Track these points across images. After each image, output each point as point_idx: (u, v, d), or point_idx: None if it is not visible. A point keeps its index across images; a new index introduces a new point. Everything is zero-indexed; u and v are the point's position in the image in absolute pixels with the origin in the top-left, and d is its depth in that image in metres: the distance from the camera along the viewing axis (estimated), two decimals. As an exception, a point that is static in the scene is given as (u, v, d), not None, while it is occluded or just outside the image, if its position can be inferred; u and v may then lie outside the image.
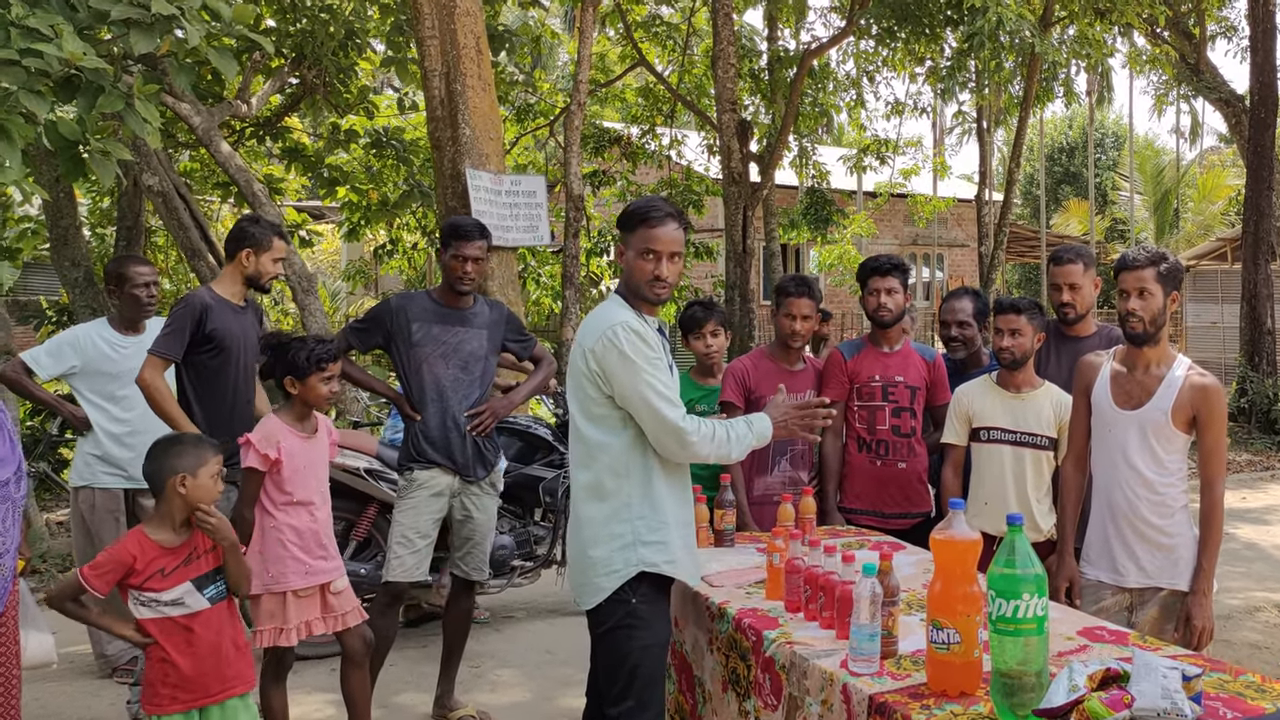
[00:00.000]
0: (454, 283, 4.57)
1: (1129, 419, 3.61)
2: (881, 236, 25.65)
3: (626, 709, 3.15)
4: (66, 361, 5.11)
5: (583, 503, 3.23)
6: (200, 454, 3.31)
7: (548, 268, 14.67)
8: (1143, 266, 3.54)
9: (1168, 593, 3.61)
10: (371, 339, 4.67)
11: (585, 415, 3.21)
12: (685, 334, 4.87)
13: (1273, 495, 10.92)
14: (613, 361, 3.08)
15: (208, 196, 11.85)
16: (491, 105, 8.38)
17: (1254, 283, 14.69)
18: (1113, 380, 3.69)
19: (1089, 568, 3.77)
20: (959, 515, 2.61)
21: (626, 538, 3.15)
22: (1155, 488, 3.59)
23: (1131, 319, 3.55)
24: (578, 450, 3.27)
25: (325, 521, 4.05)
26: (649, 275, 3.18)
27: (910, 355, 4.70)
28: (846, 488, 4.65)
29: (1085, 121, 33.26)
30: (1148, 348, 3.59)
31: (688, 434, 3.10)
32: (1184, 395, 3.53)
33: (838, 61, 15.83)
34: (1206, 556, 3.55)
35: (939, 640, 2.58)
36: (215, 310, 4.53)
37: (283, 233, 4.71)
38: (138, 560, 3.23)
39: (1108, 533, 3.70)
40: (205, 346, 4.51)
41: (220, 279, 4.73)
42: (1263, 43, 14.76)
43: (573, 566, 3.30)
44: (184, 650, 3.27)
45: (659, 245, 3.17)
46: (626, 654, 3.17)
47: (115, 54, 6.87)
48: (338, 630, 4.03)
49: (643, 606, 3.18)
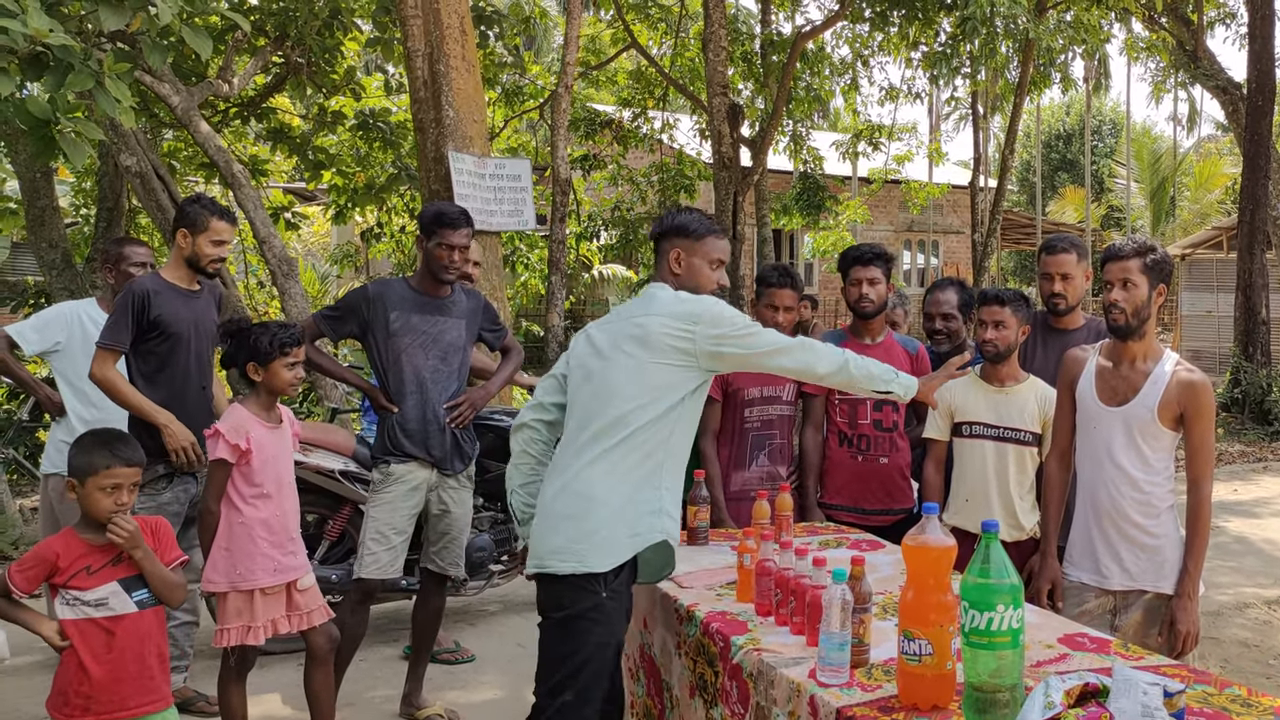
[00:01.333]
0: (439, 271, 4.41)
1: (1114, 416, 3.50)
2: (877, 223, 25.53)
3: (564, 702, 3.04)
4: (52, 337, 4.98)
5: (610, 454, 3.10)
6: (91, 461, 3.14)
7: (537, 251, 14.53)
8: (1128, 257, 3.43)
9: (1152, 596, 3.51)
10: (345, 327, 4.51)
11: (642, 371, 3.15)
12: None
13: (1265, 487, 10.83)
14: (722, 333, 3.16)
15: (191, 177, 11.68)
16: (476, 87, 8.23)
17: (1249, 272, 14.58)
18: (1098, 375, 3.58)
19: (1072, 569, 3.67)
20: (933, 520, 2.50)
21: (654, 504, 3.13)
22: (1140, 486, 3.48)
23: (1114, 310, 3.44)
24: (605, 406, 3.15)
25: (292, 515, 3.94)
26: (714, 283, 3.41)
27: (893, 347, 4.58)
28: (827, 483, 4.54)
29: (1082, 108, 33.10)
30: (1133, 341, 3.49)
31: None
32: (1171, 392, 3.41)
33: (833, 46, 15.68)
34: (1192, 559, 3.45)
35: (910, 651, 2.46)
36: (160, 296, 4.39)
37: (226, 214, 4.50)
38: (61, 558, 3.10)
39: (1091, 533, 3.59)
40: (151, 334, 4.37)
41: (167, 263, 4.57)
42: (1261, 30, 14.61)
43: (576, 521, 3.08)
44: (101, 656, 3.12)
45: (724, 255, 3.45)
46: (580, 647, 3.06)
47: (88, 31, 6.73)
48: (303, 629, 3.92)
49: (610, 602, 3.07)
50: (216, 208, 4.49)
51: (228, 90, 9.25)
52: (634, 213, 15.80)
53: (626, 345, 3.19)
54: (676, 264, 3.38)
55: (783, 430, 4.52)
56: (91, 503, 3.13)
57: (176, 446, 4.35)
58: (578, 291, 17.95)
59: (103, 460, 3.13)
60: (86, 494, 3.12)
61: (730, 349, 3.17)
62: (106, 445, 3.18)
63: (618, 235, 15.76)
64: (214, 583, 3.76)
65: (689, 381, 3.18)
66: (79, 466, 3.14)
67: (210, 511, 3.75)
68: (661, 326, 3.16)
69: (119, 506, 3.14)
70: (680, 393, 3.17)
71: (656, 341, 3.15)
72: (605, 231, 16.00)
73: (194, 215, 4.45)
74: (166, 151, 11.26)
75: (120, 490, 3.14)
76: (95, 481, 3.11)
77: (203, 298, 4.59)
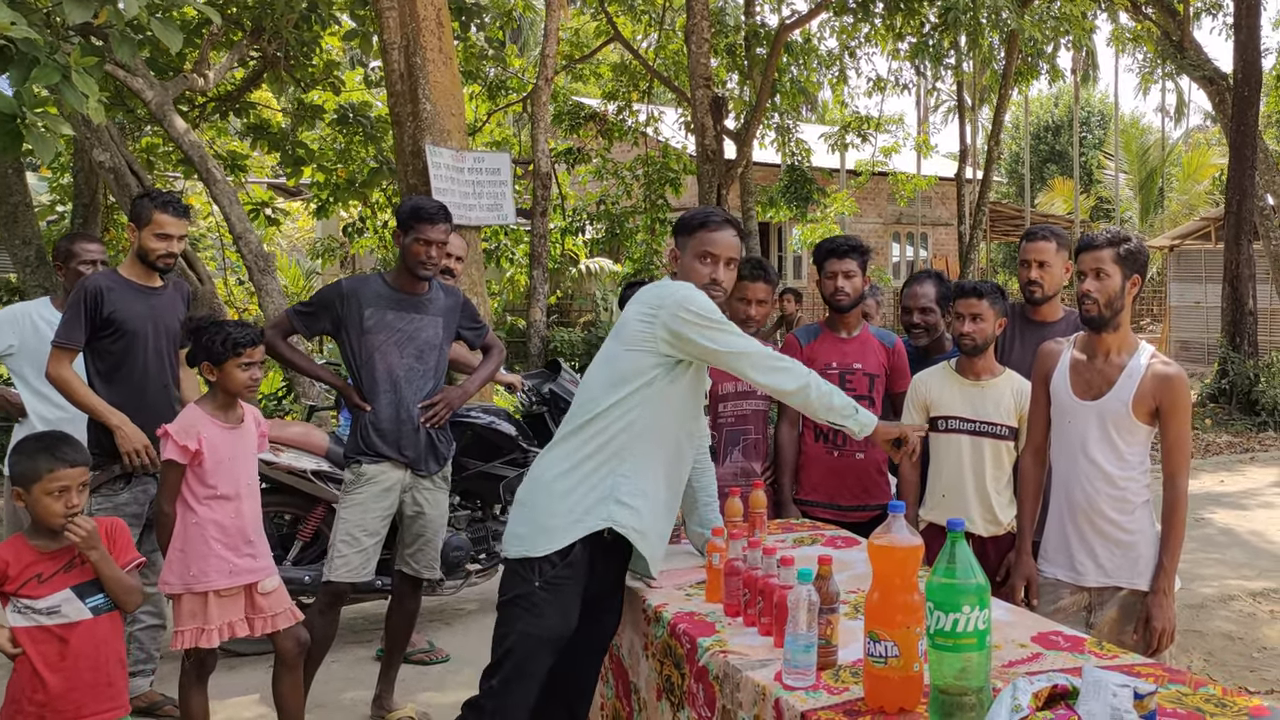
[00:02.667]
0: (416, 268, 4.31)
1: (1089, 410, 3.44)
2: (865, 215, 25.45)
3: (490, 687, 3.06)
4: (4, 340, 4.89)
5: (568, 439, 3.13)
6: (35, 466, 3.05)
7: (522, 246, 14.44)
8: (1100, 247, 3.38)
9: (1127, 592, 3.46)
10: (318, 324, 4.42)
11: (612, 360, 3.17)
12: None
13: (1251, 478, 10.81)
14: (684, 317, 3.08)
15: (171, 173, 11.57)
16: (453, 80, 8.14)
17: (1236, 263, 14.55)
18: (1072, 369, 3.52)
19: (1046, 565, 3.61)
20: (899, 519, 2.43)
21: (603, 490, 3.06)
22: (1115, 482, 3.42)
23: (1087, 300, 3.39)
24: (579, 397, 3.23)
25: (252, 517, 3.84)
26: (705, 278, 3.26)
27: (869, 341, 4.51)
28: (802, 479, 4.47)
29: (1071, 100, 33.06)
30: (1107, 334, 3.43)
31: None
32: (1146, 385, 3.35)
33: (819, 38, 15.59)
34: (1168, 555, 3.39)
35: (876, 654, 2.40)
36: (114, 293, 4.31)
37: (172, 207, 4.38)
38: (10, 566, 3.03)
39: (1066, 529, 3.54)
40: (106, 331, 4.30)
41: (125, 259, 4.50)
42: (1247, 20, 14.56)
43: (528, 507, 3.12)
44: (55, 665, 3.04)
45: (717, 249, 3.29)
46: (507, 633, 3.07)
47: (55, 24, 6.62)
48: (267, 632, 3.84)
49: (542, 593, 3.03)
50: (162, 200, 4.39)
51: (203, 85, 9.14)
52: (619, 206, 15.72)
53: (609, 339, 3.24)
54: (674, 261, 3.39)
55: (757, 425, 4.45)
56: (41, 508, 3.05)
57: (129, 449, 4.27)
58: (564, 286, 17.86)
59: (45, 464, 3.06)
60: (35, 500, 3.04)
61: (691, 335, 3.08)
62: (47, 449, 3.10)
63: (603, 229, 15.68)
64: (169, 584, 3.70)
65: (652, 364, 3.11)
66: (22, 473, 3.06)
67: (164, 513, 3.69)
68: (633, 312, 3.16)
69: (70, 509, 3.06)
70: (644, 376, 3.11)
71: (627, 329, 3.15)
72: (591, 225, 15.90)
73: (138, 209, 4.38)
74: (145, 147, 11.14)
75: (69, 492, 3.06)
76: (41, 487, 3.04)
77: (165, 294, 4.50)
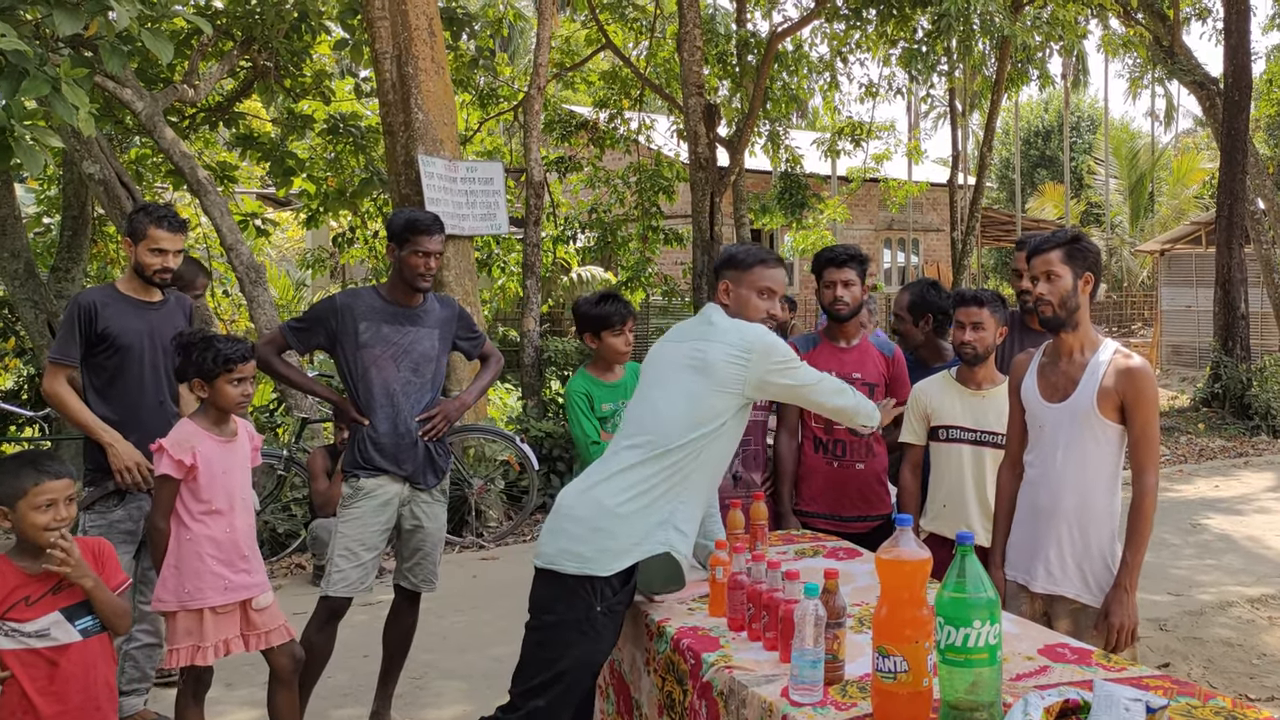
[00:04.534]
0: (414, 280, 4.26)
1: (1057, 413, 3.39)
2: (856, 221, 25.51)
3: (535, 708, 3.05)
4: None
5: (638, 469, 3.16)
6: (19, 483, 3.00)
7: (514, 255, 14.40)
8: (1046, 250, 3.38)
9: (1078, 606, 3.39)
10: (312, 339, 4.36)
11: (697, 398, 3.24)
12: (603, 328, 4.42)
13: (1246, 483, 10.78)
14: (772, 365, 3.26)
15: (160, 184, 11.50)
16: (446, 89, 8.11)
17: (1228, 267, 14.55)
18: (1039, 374, 3.48)
19: (1008, 569, 3.56)
20: (906, 533, 2.40)
21: (663, 515, 3.14)
22: (1080, 488, 3.36)
23: (1040, 304, 3.38)
24: (653, 423, 3.25)
25: (247, 532, 3.80)
26: (763, 313, 3.44)
27: (868, 350, 4.48)
28: (802, 490, 4.43)
29: (1061, 105, 33.15)
30: (1067, 334, 3.40)
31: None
32: (1109, 380, 3.30)
33: (810, 44, 15.57)
34: (1132, 550, 3.29)
35: (885, 669, 2.37)
36: (108, 308, 4.28)
37: (168, 221, 4.31)
38: None
39: (1027, 533, 3.49)
40: (100, 347, 4.27)
41: (123, 274, 4.47)
42: (1237, 25, 14.59)
43: (591, 528, 3.11)
44: (45, 689, 2.99)
45: (775, 285, 3.50)
46: (561, 657, 3.06)
47: (45, 36, 6.58)
48: (261, 649, 3.79)
49: (603, 618, 3.07)
50: (157, 215, 4.32)
51: (193, 95, 9.10)
52: (611, 215, 15.69)
53: (687, 373, 3.30)
54: (725, 295, 3.50)
55: (756, 436, 4.42)
56: (27, 524, 3.00)
57: (120, 467, 4.23)
58: (556, 295, 17.80)
59: (30, 478, 3.01)
60: (21, 517, 2.99)
61: (778, 379, 3.29)
62: (31, 464, 3.06)
63: (595, 237, 15.64)
64: (163, 601, 3.65)
65: (733, 406, 3.26)
66: (7, 493, 3.00)
67: (158, 529, 3.64)
68: (722, 354, 3.25)
69: (58, 523, 3.02)
70: (724, 417, 3.24)
71: (717, 370, 3.24)
72: (583, 234, 15.86)
73: (134, 223, 4.33)
74: (134, 158, 11.08)
75: (56, 505, 3.02)
76: (28, 502, 2.99)
77: (164, 309, 4.46)
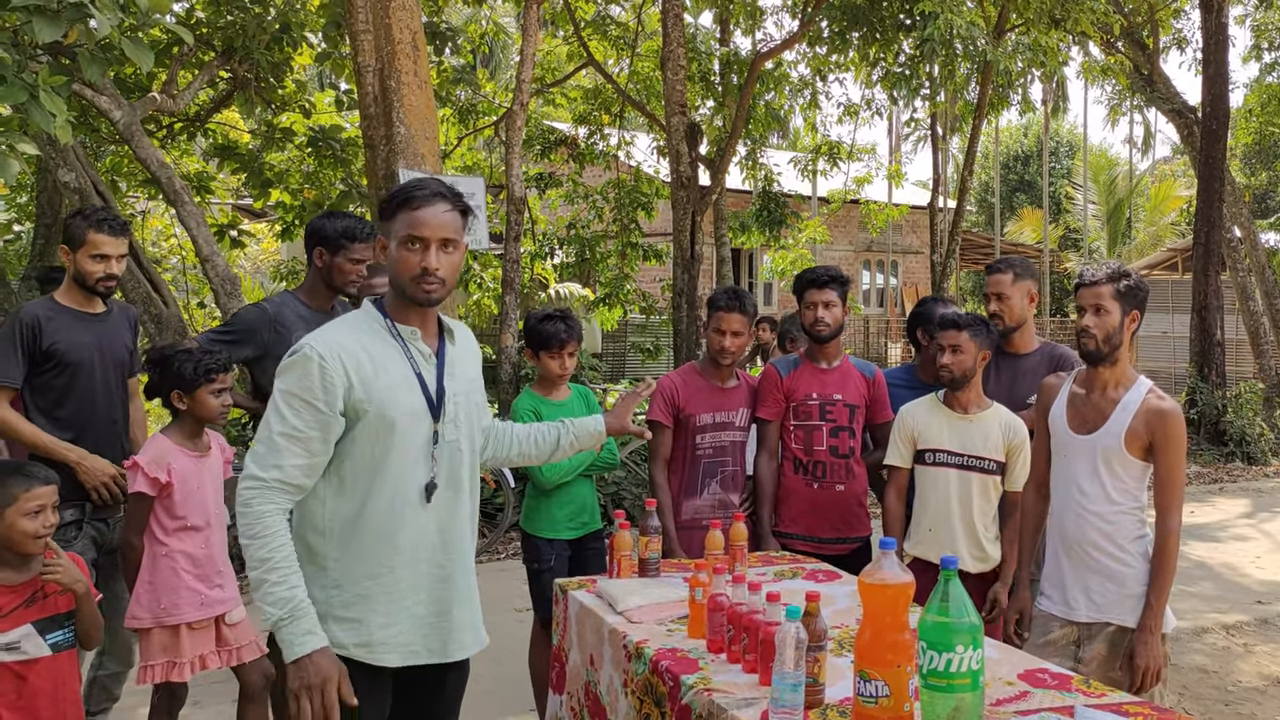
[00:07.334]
0: (344, 287, 4.04)
1: (1083, 444, 3.42)
2: (836, 242, 25.53)
3: None
4: None
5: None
6: (7, 489, 2.96)
7: (490, 270, 14.34)
8: (1100, 283, 3.38)
9: (1115, 629, 3.41)
10: (241, 351, 3.99)
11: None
12: (541, 348, 4.32)
13: (1221, 510, 10.82)
14: None
15: (134, 194, 11.39)
16: (428, 104, 8.06)
17: (1204, 294, 14.65)
18: (1069, 403, 3.50)
19: (1042, 599, 3.59)
20: (889, 556, 2.37)
21: (320, 607, 2.61)
22: (1106, 517, 3.40)
23: (1084, 336, 3.39)
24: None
25: (220, 547, 3.75)
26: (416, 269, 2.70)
27: (849, 372, 4.46)
28: (782, 511, 4.40)
29: (1040, 130, 33.38)
30: (1104, 368, 3.41)
31: None
32: (1139, 420, 3.33)
33: (791, 65, 15.62)
34: (1156, 592, 3.34)
35: (866, 693, 2.33)
36: (51, 322, 3.91)
37: (109, 225, 3.95)
38: None
39: (1060, 563, 3.51)
40: (46, 365, 3.90)
41: (62, 286, 4.06)
42: (1215, 55, 14.73)
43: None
44: (12, 703, 2.94)
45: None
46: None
47: (23, 43, 6.51)
48: (233, 665, 3.73)
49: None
50: (96, 218, 3.96)
51: (172, 105, 9.03)
52: (590, 231, 15.66)
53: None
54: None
55: (735, 457, 4.39)
56: (15, 532, 2.95)
57: (94, 484, 3.89)
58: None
59: (20, 484, 2.99)
60: (9, 525, 2.94)
61: None
62: (16, 471, 3.05)
63: (574, 253, 15.61)
64: (138, 618, 3.58)
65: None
66: None
67: (133, 546, 3.58)
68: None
69: (47, 529, 3.01)
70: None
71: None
72: (561, 250, 15.82)
73: (71, 230, 3.95)
74: (109, 167, 10.97)
75: (45, 511, 3.00)
76: (17, 509, 2.95)
77: (109, 320, 4.12)
